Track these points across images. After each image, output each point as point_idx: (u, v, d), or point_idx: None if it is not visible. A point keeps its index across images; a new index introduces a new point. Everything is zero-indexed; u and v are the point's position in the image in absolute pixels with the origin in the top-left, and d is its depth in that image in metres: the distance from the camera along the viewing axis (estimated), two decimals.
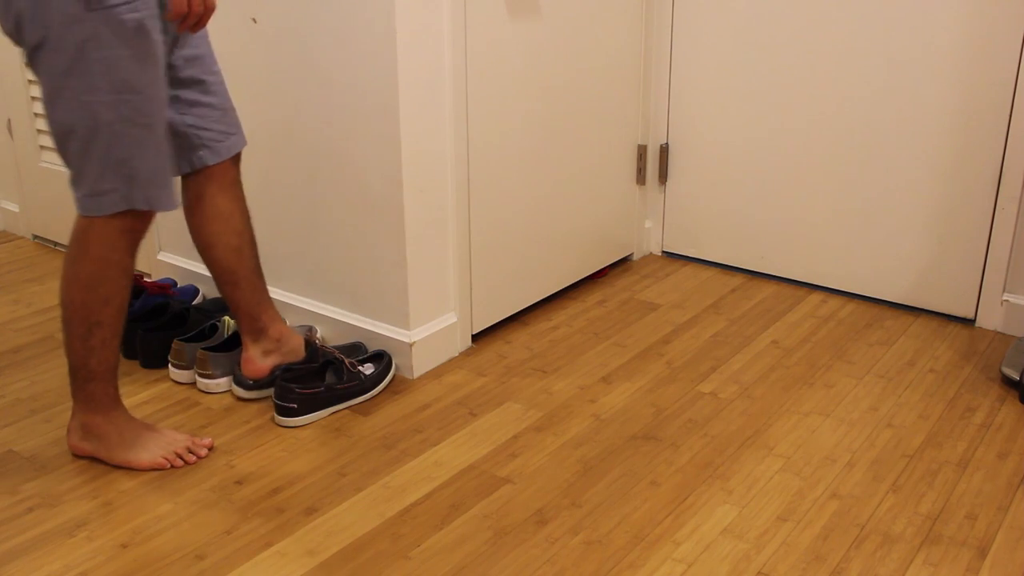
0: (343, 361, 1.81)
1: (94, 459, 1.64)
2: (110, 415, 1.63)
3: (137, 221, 1.54)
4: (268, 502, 1.54)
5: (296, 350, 1.83)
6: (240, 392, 1.84)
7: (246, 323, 1.79)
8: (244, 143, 1.71)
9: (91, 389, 1.60)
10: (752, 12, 2.28)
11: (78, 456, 1.66)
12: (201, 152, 1.65)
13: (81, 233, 1.53)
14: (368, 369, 1.86)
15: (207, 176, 1.68)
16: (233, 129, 1.69)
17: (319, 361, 1.80)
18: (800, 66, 2.24)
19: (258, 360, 1.81)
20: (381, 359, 1.91)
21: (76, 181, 1.51)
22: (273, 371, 1.81)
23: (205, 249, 1.72)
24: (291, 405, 1.74)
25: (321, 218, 1.99)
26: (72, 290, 1.54)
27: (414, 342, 1.92)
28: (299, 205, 2.02)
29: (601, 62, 2.27)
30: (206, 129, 1.64)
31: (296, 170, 1.99)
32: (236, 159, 1.71)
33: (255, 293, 1.77)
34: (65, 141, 1.47)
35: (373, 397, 1.85)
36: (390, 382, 1.90)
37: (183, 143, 1.64)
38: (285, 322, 1.86)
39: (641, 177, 2.53)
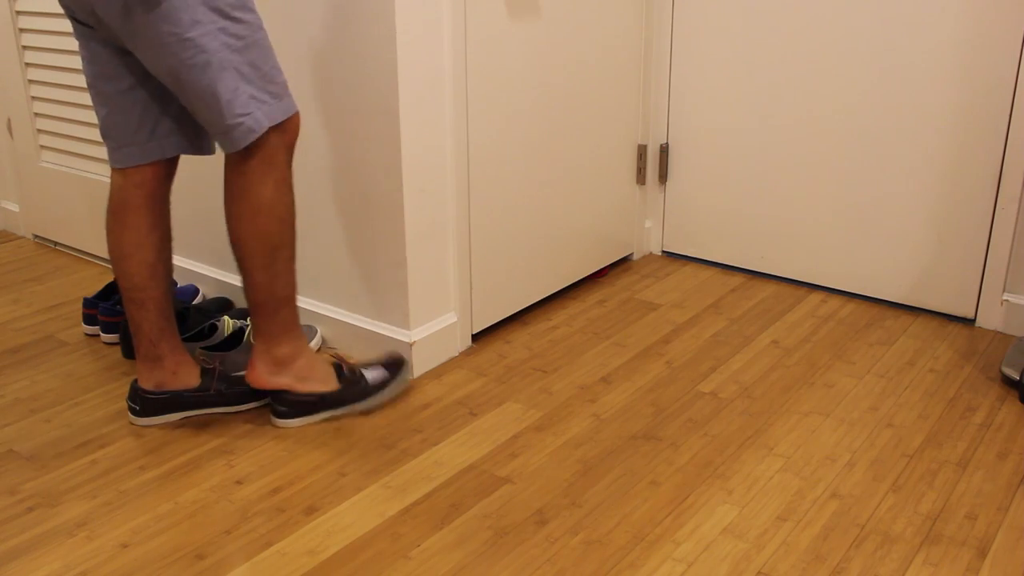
0: (342, 364, 1.80)
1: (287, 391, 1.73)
2: (298, 344, 1.70)
3: (285, 133, 1.58)
4: (268, 502, 1.54)
5: (190, 379, 1.78)
6: (131, 417, 1.79)
7: (144, 343, 1.74)
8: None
9: (282, 317, 1.66)
10: (752, 12, 2.28)
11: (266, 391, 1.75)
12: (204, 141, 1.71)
13: (235, 167, 1.57)
14: (377, 374, 1.81)
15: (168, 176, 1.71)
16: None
17: (211, 390, 1.76)
18: (800, 66, 2.24)
19: (146, 383, 1.78)
20: (395, 366, 1.84)
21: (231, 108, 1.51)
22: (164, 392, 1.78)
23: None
24: (282, 408, 1.74)
25: (321, 218, 1.99)
26: (244, 225, 1.59)
27: (414, 342, 1.92)
28: (299, 205, 2.01)
29: (601, 62, 2.27)
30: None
31: (296, 170, 1.99)
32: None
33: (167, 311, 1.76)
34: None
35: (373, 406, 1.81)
36: (398, 392, 1.84)
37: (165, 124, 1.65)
38: (186, 352, 1.81)
39: (641, 177, 2.53)
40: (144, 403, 1.75)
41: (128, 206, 1.66)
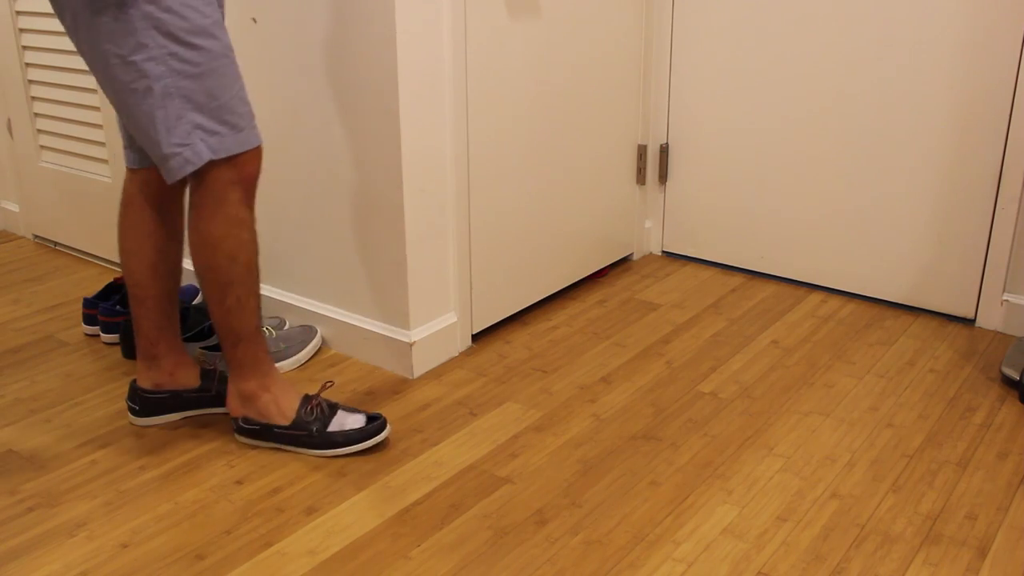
0: (310, 402, 1.67)
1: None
2: (264, 381, 1.65)
3: (237, 169, 1.52)
4: (268, 502, 1.54)
5: (188, 379, 1.78)
6: (131, 417, 1.79)
7: (143, 343, 1.74)
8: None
9: (242, 352, 1.62)
10: (752, 13, 2.28)
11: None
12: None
13: (190, 197, 1.55)
14: (354, 421, 1.67)
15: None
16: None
17: (211, 391, 1.76)
18: (800, 66, 2.24)
19: (144, 382, 1.77)
20: (375, 420, 1.68)
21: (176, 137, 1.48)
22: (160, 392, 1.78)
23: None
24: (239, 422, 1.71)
25: (321, 218, 1.99)
26: (195, 256, 1.56)
27: (414, 342, 1.92)
28: (299, 205, 2.02)
29: (601, 62, 2.27)
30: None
31: (296, 170, 1.99)
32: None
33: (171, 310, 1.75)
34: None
35: (334, 456, 1.66)
36: (367, 446, 1.66)
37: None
38: (185, 352, 1.80)
39: (641, 177, 2.53)
40: (143, 403, 1.75)
41: (133, 204, 1.67)
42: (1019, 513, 1.48)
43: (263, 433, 1.68)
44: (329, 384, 1.72)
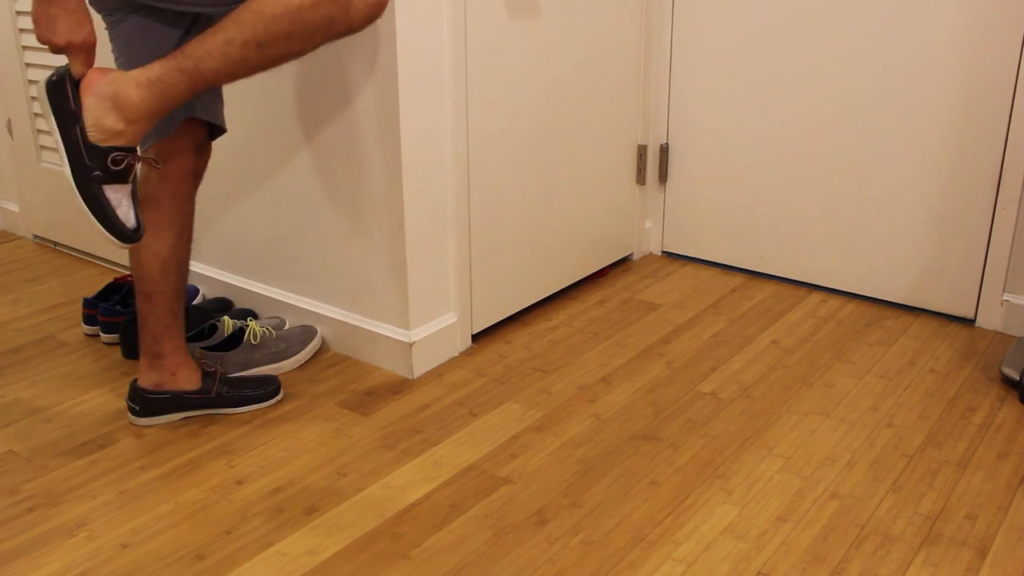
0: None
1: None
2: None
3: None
4: (268, 502, 1.54)
5: (190, 381, 1.79)
6: (130, 417, 1.79)
7: (146, 342, 1.76)
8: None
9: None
10: (752, 12, 2.28)
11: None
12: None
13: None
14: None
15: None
16: None
17: (212, 392, 1.77)
18: (800, 66, 2.24)
19: (145, 381, 1.78)
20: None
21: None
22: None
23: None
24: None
25: (321, 218, 1.99)
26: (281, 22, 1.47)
27: (414, 342, 1.92)
28: (299, 205, 2.02)
29: (601, 62, 2.27)
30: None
31: (296, 170, 1.99)
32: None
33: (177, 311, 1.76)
34: None
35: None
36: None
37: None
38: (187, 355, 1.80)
39: (641, 177, 2.53)
40: (143, 403, 1.75)
41: (150, 199, 1.67)
42: (1019, 513, 1.48)
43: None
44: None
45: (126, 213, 1.54)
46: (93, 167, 1.52)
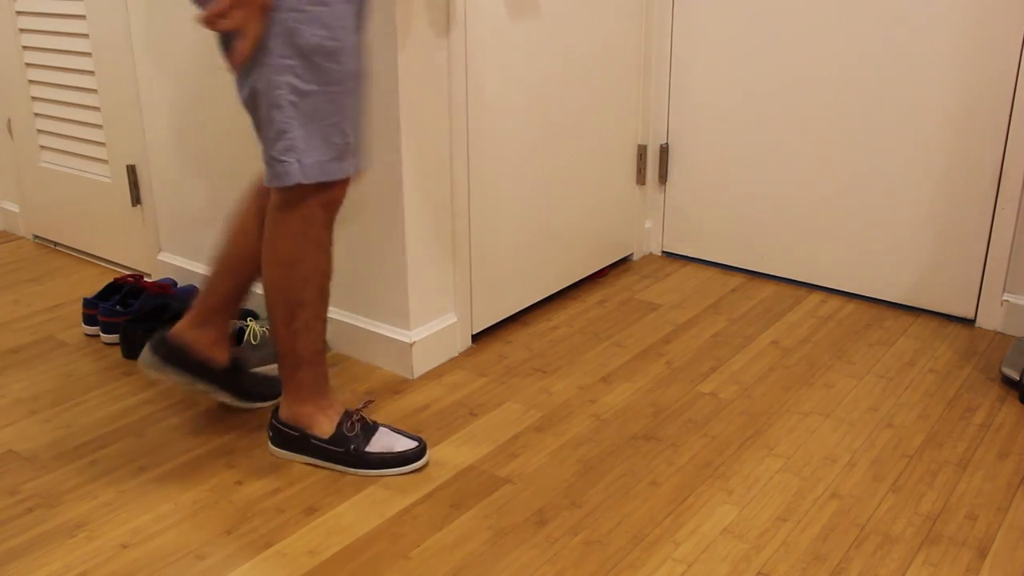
0: (351, 417, 1.64)
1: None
2: (320, 403, 1.62)
3: (331, 192, 1.50)
4: (268, 502, 1.54)
5: (220, 354, 1.76)
6: (145, 359, 1.73)
7: (199, 308, 1.72)
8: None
9: (300, 377, 1.59)
10: (752, 12, 2.28)
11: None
12: None
13: (275, 212, 1.51)
14: (403, 445, 1.63)
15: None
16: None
17: (230, 380, 1.74)
18: (800, 66, 2.24)
19: (181, 335, 1.74)
20: (416, 443, 1.64)
21: (281, 149, 1.46)
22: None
23: (243, 258, 1.69)
24: (269, 432, 1.69)
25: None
26: (271, 273, 1.53)
27: (414, 342, 1.92)
28: None
29: (601, 62, 2.27)
30: None
31: None
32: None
33: (237, 295, 1.73)
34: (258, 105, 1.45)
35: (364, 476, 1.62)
36: (404, 471, 1.62)
37: None
38: (225, 333, 1.76)
39: (641, 177, 2.53)
40: (169, 352, 1.69)
41: (263, 195, 1.65)
42: (1019, 513, 1.48)
43: (300, 443, 1.63)
44: (369, 402, 1.71)
45: (401, 444, 1.64)
46: (346, 447, 1.62)
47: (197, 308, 1.72)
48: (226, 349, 1.75)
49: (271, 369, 1.96)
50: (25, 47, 2.53)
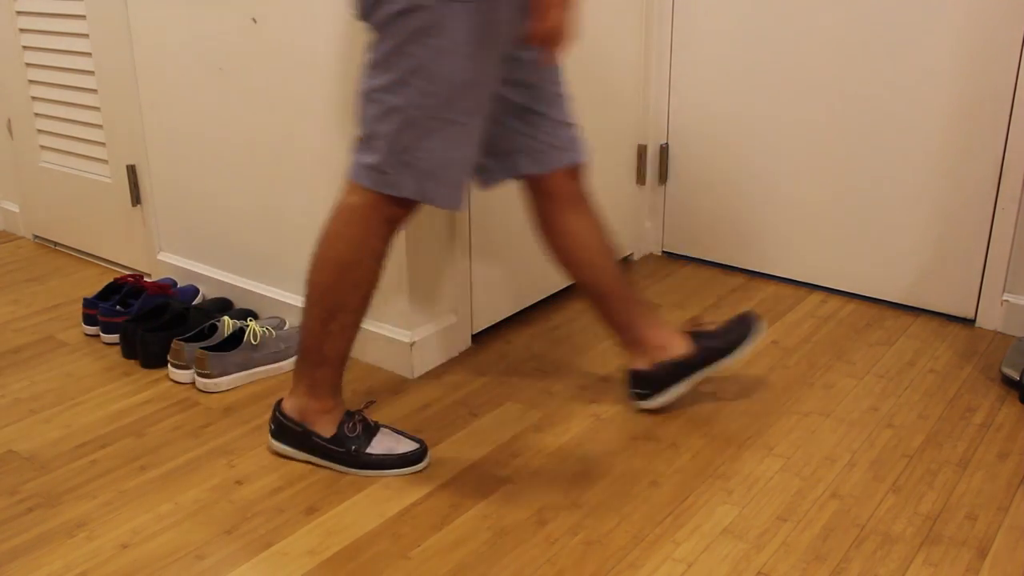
0: (356, 417, 1.64)
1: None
2: (327, 404, 1.62)
3: (401, 209, 1.50)
4: (268, 502, 1.54)
5: (680, 347, 1.76)
6: (640, 404, 1.79)
7: (619, 335, 1.76)
8: (577, 159, 1.66)
9: (319, 375, 1.59)
10: (752, 12, 2.28)
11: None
12: (518, 158, 1.63)
13: (341, 213, 1.51)
14: (405, 447, 1.63)
15: (543, 194, 1.67)
16: (562, 144, 1.64)
17: (715, 344, 1.74)
18: (800, 66, 2.24)
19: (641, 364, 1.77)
20: (417, 446, 1.64)
21: (363, 147, 1.47)
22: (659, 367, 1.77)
23: (563, 267, 1.72)
24: (271, 425, 1.67)
25: (321, 218, 1.98)
26: (322, 271, 1.52)
27: (414, 342, 1.92)
28: (300, 205, 2.02)
29: (601, 61, 2.27)
30: (529, 136, 1.62)
31: (296, 170, 1.99)
32: (572, 175, 1.67)
33: (621, 303, 1.73)
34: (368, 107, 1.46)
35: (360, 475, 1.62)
36: (403, 473, 1.62)
37: (501, 145, 1.63)
38: (666, 326, 1.77)
39: (641, 177, 2.53)
40: (654, 381, 1.74)
41: (553, 210, 1.70)
42: (1019, 513, 1.48)
43: (302, 439, 1.63)
44: (371, 402, 1.71)
45: (403, 446, 1.64)
46: (347, 447, 1.62)
47: (620, 342, 1.77)
48: (677, 338, 1.75)
49: (276, 368, 1.95)
50: (25, 47, 2.53)
